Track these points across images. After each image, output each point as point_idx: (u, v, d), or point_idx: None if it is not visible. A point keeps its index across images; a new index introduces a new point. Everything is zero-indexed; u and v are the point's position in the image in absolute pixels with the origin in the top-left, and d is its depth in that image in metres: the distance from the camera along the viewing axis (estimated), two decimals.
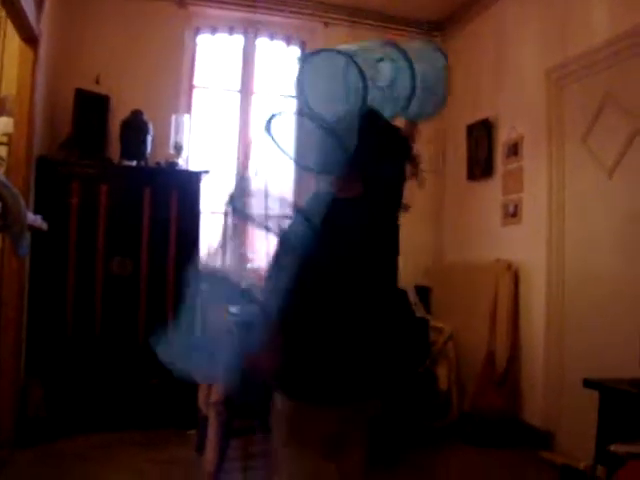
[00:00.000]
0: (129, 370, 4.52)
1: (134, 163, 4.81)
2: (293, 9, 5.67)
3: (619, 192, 3.87)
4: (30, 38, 3.92)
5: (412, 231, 5.85)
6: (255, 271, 2.00)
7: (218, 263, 2.03)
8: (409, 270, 5.54)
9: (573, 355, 4.17)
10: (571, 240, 4.28)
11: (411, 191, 2.54)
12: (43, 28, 4.07)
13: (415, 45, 2.23)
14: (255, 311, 1.86)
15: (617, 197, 3.88)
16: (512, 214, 4.86)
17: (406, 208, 2.30)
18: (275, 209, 1.93)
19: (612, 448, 2.82)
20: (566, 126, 4.35)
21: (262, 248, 1.95)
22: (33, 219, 2.28)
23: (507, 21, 5.10)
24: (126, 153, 4.79)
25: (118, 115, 4.85)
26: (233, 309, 2.04)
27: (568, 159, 4.32)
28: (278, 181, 2.00)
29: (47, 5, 4.09)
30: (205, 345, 1.99)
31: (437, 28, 6.04)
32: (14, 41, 4.03)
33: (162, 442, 4.23)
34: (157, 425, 4.44)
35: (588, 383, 3.15)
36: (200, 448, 3.94)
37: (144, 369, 4.54)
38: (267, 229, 1.94)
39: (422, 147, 5.87)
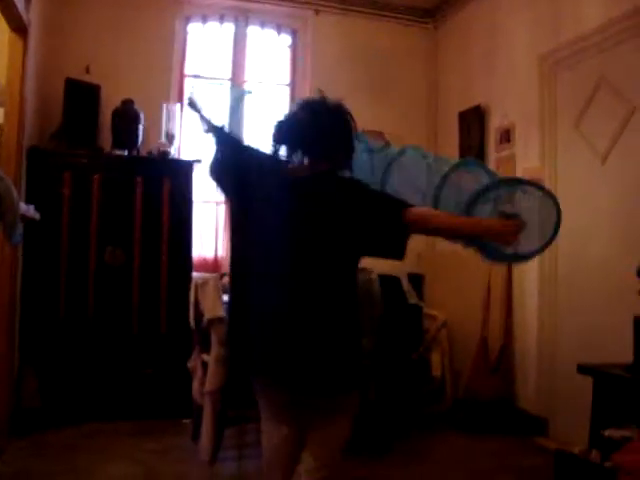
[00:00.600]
0: (123, 360, 4.52)
1: (126, 153, 4.78)
2: None
3: (612, 177, 3.87)
4: (19, 28, 3.88)
5: None
6: None
7: None
8: None
9: (566, 341, 4.19)
10: (564, 226, 4.18)
11: None
12: (32, 17, 4.03)
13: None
14: None
15: (610, 182, 3.89)
16: None
17: None
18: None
19: (606, 433, 2.85)
20: (558, 112, 4.35)
21: None
22: (25, 209, 2.28)
23: (499, 7, 5.08)
24: (117, 143, 4.77)
25: (109, 104, 4.82)
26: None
27: (560, 145, 4.32)
28: None
29: None
30: None
31: (429, 15, 6.02)
32: (3, 31, 3.99)
33: (157, 431, 4.24)
34: (152, 415, 4.44)
35: (582, 369, 3.17)
36: (195, 437, 3.95)
37: (138, 359, 4.54)
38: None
39: (413, 134, 5.91)
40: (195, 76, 5.56)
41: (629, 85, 3.76)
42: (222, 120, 2.36)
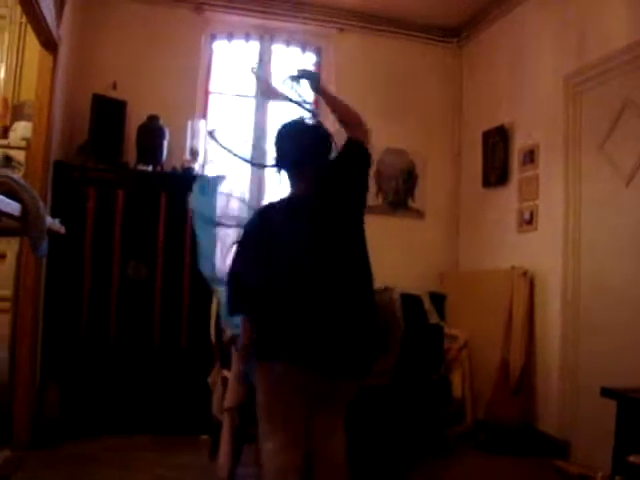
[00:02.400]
0: (144, 374, 4.54)
1: (150, 168, 4.83)
2: (308, 15, 5.69)
3: (636, 200, 3.83)
4: (49, 44, 3.95)
5: (427, 238, 5.87)
6: None
7: None
8: (424, 277, 5.56)
9: (589, 363, 4.13)
10: (587, 248, 4.24)
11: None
12: (62, 34, 4.10)
13: None
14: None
15: (634, 205, 3.84)
16: (528, 221, 4.84)
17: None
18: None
19: (630, 459, 2.79)
20: (583, 133, 4.32)
21: None
22: (51, 222, 2.30)
23: (524, 27, 5.08)
24: (142, 158, 4.81)
25: (135, 120, 4.88)
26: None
27: (585, 166, 4.29)
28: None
29: (66, 11, 4.13)
30: None
31: (453, 34, 6.03)
32: (34, 47, 4.07)
33: (176, 447, 4.24)
34: (171, 430, 4.45)
35: (606, 392, 3.11)
36: (214, 454, 3.93)
37: (159, 374, 4.55)
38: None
39: (437, 152, 5.92)
40: (220, 93, 5.61)
41: None
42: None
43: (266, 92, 2.68)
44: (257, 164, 3.00)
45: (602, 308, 4.06)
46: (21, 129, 4.26)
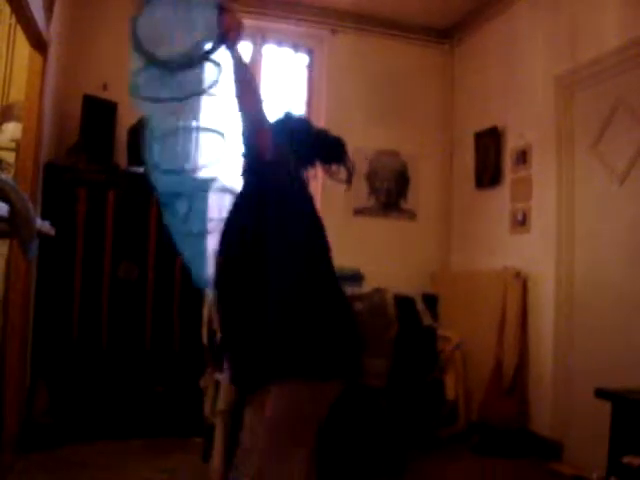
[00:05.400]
0: (136, 377, 4.50)
1: (141, 170, 4.78)
2: (301, 16, 5.67)
3: (630, 200, 3.84)
4: (39, 44, 3.91)
5: (419, 239, 5.86)
6: None
7: None
8: (417, 278, 5.55)
9: (582, 364, 4.13)
10: (581, 248, 4.25)
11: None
12: (52, 34, 4.07)
13: None
14: None
15: (628, 205, 3.85)
16: (521, 222, 4.84)
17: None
18: None
19: (625, 460, 2.78)
20: (576, 133, 4.33)
21: None
22: (41, 224, 2.27)
23: (516, 29, 5.09)
24: (133, 160, 4.78)
25: (125, 122, 4.83)
26: None
27: (578, 167, 4.30)
28: None
29: (56, 11, 4.09)
30: None
31: (445, 35, 6.03)
32: (23, 47, 4.03)
33: (168, 450, 4.21)
34: (163, 433, 4.41)
35: (600, 393, 3.10)
36: (206, 457, 3.91)
37: (151, 376, 4.52)
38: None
39: (429, 154, 5.91)
40: (211, 94, 5.57)
41: None
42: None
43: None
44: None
45: (596, 309, 4.06)
46: (10, 130, 4.22)
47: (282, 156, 2.19)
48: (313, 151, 2.34)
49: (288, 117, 2.44)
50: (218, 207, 2.40)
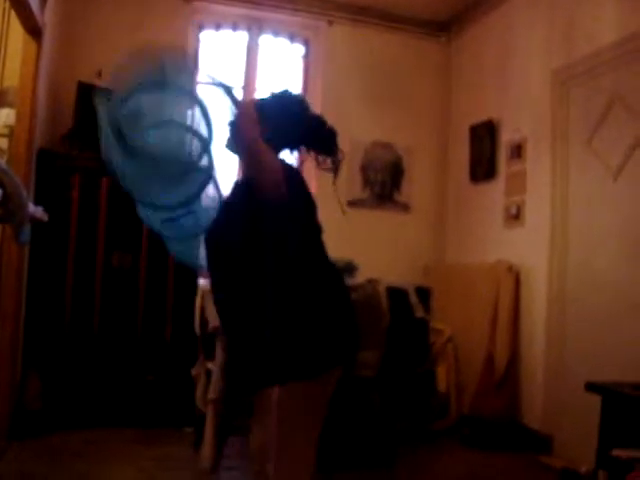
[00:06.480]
0: (127, 365, 4.49)
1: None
2: (297, 7, 5.65)
3: (624, 195, 3.85)
4: (34, 30, 3.89)
5: (413, 232, 5.87)
6: None
7: None
8: (410, 271, 5.55)
9: (574, 358, 4.15)
10: (574, 243, 4.25)
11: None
12: (47, 20, 4.04)
13: None
14: None
15: (622, 200, 3.86)
16: (514, 216, 4.84)
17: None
18: None
19: (614, 453, 2.80)
20: (571, 128, 4.33)
21: None
22: (34, 210, 2.25)
23: (513, 22, 5.08)
24: None
25: None
26: None
27: (572, 161, 4.30)
28: None
29: None
30: None
31: (442, 28, 6.02)
32: (18, 33, 4.00)
33: (159, 439, 4.21)
34: (154, 422, 4.41)
35: (590, 387, 3.12)
36: (197, 445, 3.92)
37: (142, 365, 4.51)
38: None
39: (424, 146, 5.91)
40: (206, 83, 5.55)
41: None
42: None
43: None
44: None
45: (588, 303, 4.07)
46: (4, 116, 4.20)
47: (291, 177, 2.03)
48: (303, 136, 2.23)
49: (285, 94, 2.35)
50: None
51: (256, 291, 2.04)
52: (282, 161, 2.12)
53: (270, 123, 2.14)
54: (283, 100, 2.30)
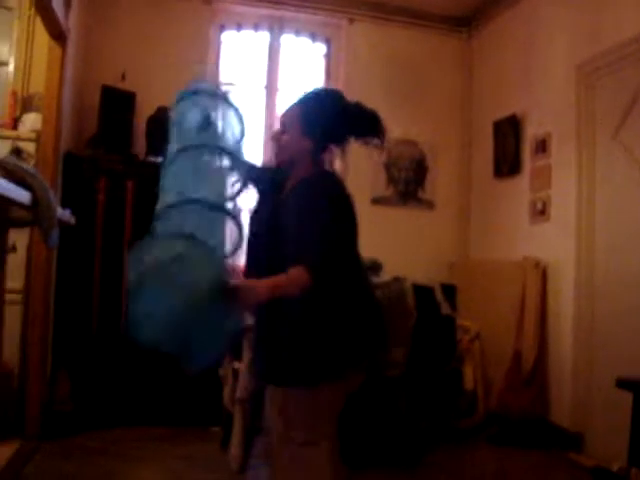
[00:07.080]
0: (156, 365, 4.51)
1: (160, 159, 4.80)
2: (318, 5, 5.66)
3: None
4: (59, 35, 3.94)
5: (437, 229, 5.84)
6: None
7: None
8: (435, 268, 5.53)
9: (603, 354, 4.10)
10: (601, 238, 4.20)
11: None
12: (71, 25, 4.08)
13: None
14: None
15: None
16: (540, 211, 4.80)
17: None
18: None
19: None
20: (597, 122, 4.28)
21: None
22: (61, 213, 2.28)
23: (536, 15, 5.03)
24: (152, 149, 4.79)
25: (144, 111, 4.86)
26: None
27: (599, 155, 4.25)
28: None
29: (75, 2, 4.11)
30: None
31: (463, 24, 5.99)
32: (43, 38, 4.06)
33: (187, 438, 4.24)
34: (182, 421, 4.44)
35: (621, 383, 3.09)
36: (225, 445, 3.94)
37: (171, 364, 4.53)
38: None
39: (447, 143, 5.89)
40: (229, 84, 5.58)
41: None
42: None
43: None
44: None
45: (616, 298, 4.02)
46: (31, 121, 4.26)
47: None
48: (350, 128, 2.26)
49: (320, 93, 2.41)
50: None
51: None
52: (329, 192, 2.18)
53: (317, 130, 2.21)
54: (320, 100, 2.31)
